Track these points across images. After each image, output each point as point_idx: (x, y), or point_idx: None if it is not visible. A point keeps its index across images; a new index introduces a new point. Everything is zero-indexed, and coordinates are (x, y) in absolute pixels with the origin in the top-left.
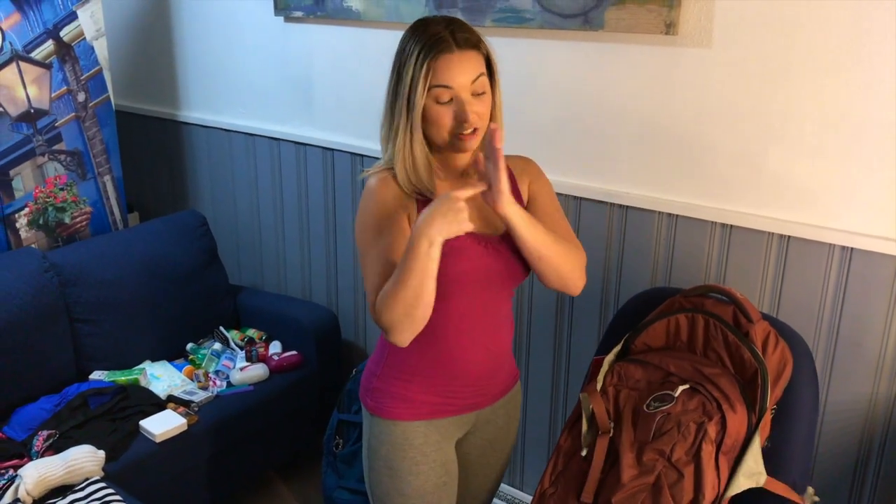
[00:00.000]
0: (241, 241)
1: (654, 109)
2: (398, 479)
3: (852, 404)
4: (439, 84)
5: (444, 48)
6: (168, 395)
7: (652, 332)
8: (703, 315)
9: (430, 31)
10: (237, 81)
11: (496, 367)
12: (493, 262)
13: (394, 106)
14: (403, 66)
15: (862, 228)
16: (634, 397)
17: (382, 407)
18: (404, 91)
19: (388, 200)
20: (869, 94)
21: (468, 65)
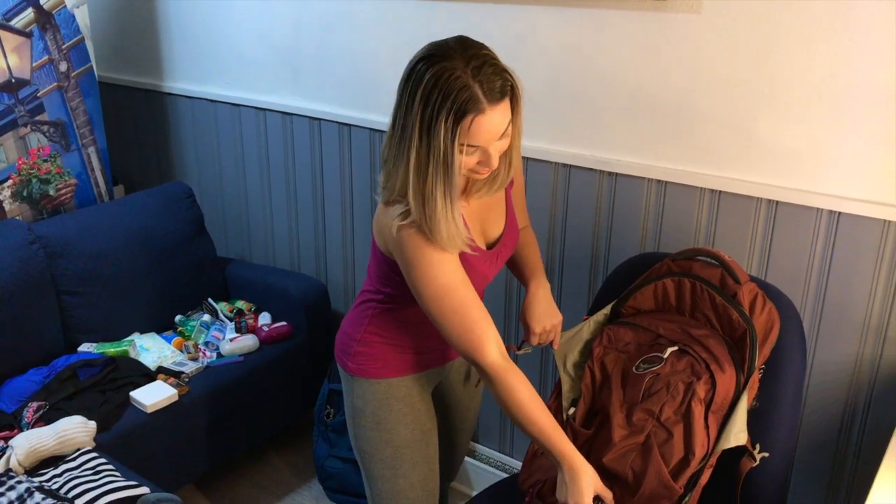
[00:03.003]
0: (228, 213)
1: (644, 76)
2: (386, 432)
3: (838, 365)
4: (470, 145)
5: (476, 108)
6: (158, 367)
7: (640, 296)
8: (689, 278)
9: (455, 83)
10: (222, 51)
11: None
12: (497, 269)
13: (425, 164)
14: (432, 126)
15: (849, 192)
16: (623, 360)
17: (366, 368)
18: (437, 155)
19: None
20: (857, 60)
21: (498, 120)
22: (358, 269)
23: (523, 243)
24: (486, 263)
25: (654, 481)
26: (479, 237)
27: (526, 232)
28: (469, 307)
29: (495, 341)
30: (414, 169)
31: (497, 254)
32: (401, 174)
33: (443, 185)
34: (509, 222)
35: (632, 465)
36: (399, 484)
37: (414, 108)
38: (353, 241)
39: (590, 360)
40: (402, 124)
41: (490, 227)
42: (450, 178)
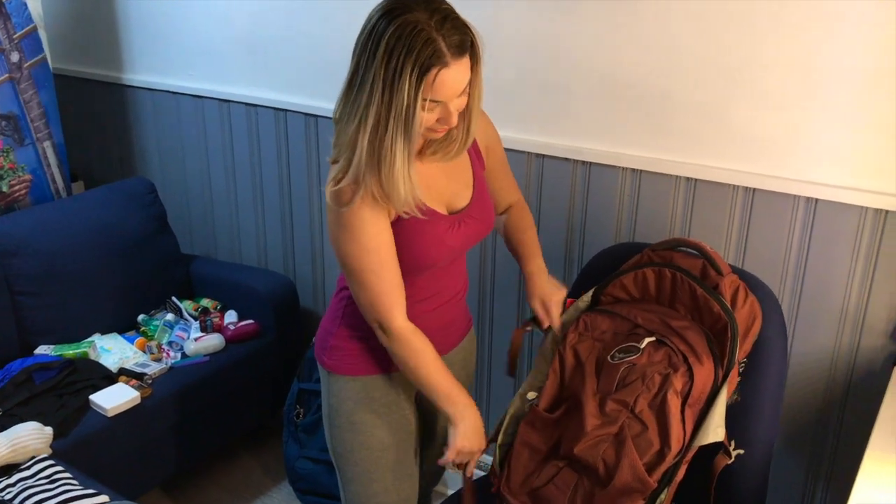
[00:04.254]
0: (193, 209)
1: (616, 62)
2: (362, 434)
3: (816, 355)
4: (434, 100)
5: (440, 61)
6: (119, 369)
7: (619, 284)
8: (670, 268)
9: (419, 36)
10: (183, 41)
11: (452, 318)
12: (461, 238)
13: (385, 120)
14: (395, 80)
15: (826, 179)
16: (598, 348)
17: (341, 364)
18: (399, 110)
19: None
20: (832, 43)
21: (461, 75)
22: (327, 264)
23: (516, 225)
24: (445, 228)
25: (627, 474)
26: (437, 201)
27: (520, 211)
28: (387, 270)
29: (402, 309)
30: (372, 126)
31: (459, 220)
32: (352, 131)
33: (402, 142)
34: (477, 193)
35: (603, 456)
36: (373, 488)
37: (375, 63)
38: (321, 236)
39: (562, 345)
40: (361, 80)
41: (454, 196)
42: (409, 135)
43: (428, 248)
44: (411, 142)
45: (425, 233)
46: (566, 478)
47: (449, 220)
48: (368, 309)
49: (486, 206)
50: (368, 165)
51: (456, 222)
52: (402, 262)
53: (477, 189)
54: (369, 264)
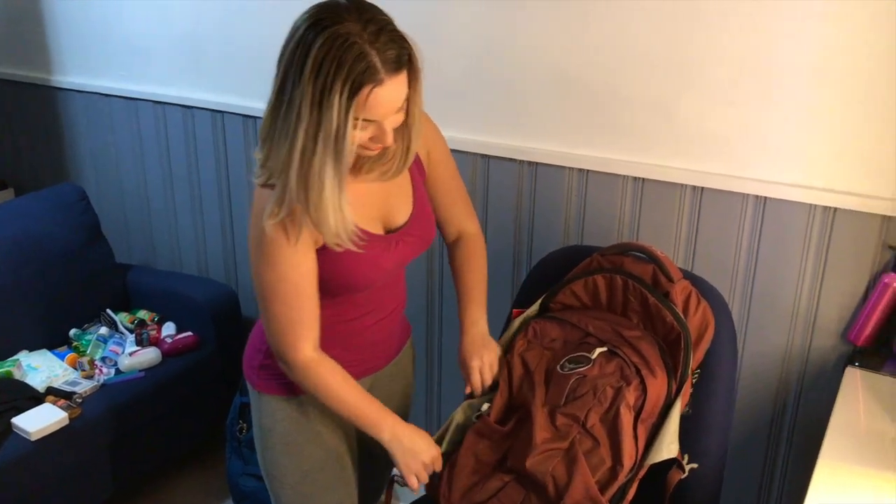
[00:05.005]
0: (130, 216)
1: (563, 59)
2: (297, 455)
3: (768, 357)
4: (366, 119)
5: (373, 78)
6: (47, 388)
7: (569, 292)
8: (621, 275)
9: (350, 50)
10: (115, 40)
11: (389, 333)
12: (398, 258)
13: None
14: (324, 99)
15: (775, 176)
16: (548, 357)
17: (273, 384)
18: (329, 131)
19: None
20: (781, 39)
21: (398, 92)
22: None
23: (463, 264)
24: (381, 250)
25: (579, 492)
26: (372, 221)
27: (471, 246)
28: (302, 302)
29: (312, 341)
30: (301, 148)
31: (396, 240)
32: (283, 154)
33: (332, 167)
34: (418, 208)
35: (553, 473)
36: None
37: (303, 79)
38: None
39: (510, 354)
40: (290, 98)
41: (392, 213)
42: (340, 158)
43: (361, 272)
44: (342, 166)
45: (359, 258)
46: (512, 494)
47: (385, 241)
48: (273, 337)
49: (426, 221)
50: (297, 190)
51: (393, 242)
52: (334, 286)
53: (417, 203)
54: (283, 295)
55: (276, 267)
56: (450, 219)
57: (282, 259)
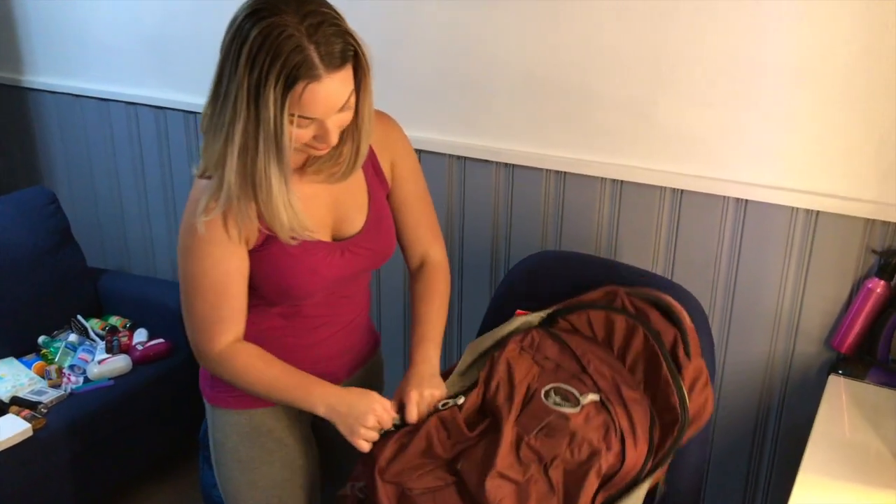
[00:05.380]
0: (104, 220)
1: (540, 59)
2: (250, 472)
3: (751, 364)
4: (303, 116)
5: (310, 74)
6: (12, 398)
7: (585, 318)
8: (644, 329)
9: (286, 42)
10: (85, 41)
11: (350, 345)
12: (343, 268)
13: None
14: (259, 93)
15: (756, 179)
16: (535, 373)
17: (225, 396)
18: (266, 129)
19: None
20: (759, 37)
21: (338, 90)
22: None
23: (423, 293)
24: (322, 256)
25: None
26: (319, 227)
27: (433, 275)
28: (223, 300)
29: (233, 337)
30: (241, 145)
31: (342, 249)
32: (219, 149)
33: (276, 165)
34: (373, 219)
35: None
36: None
37: (238, 73)
38: None
39: (500, 351)
40: (226, 90)
41: (341, 221)
42: (281, 156)
43: (299, 279)
44: (284, 163)
45: (296, 263)
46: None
47: (328, 247)
48: (190, 331)
49: (382, 233)
50: (242, 189)
51: (338, 251)
52: (271, 292)
53: (372, 214)
54: (204, 290)
55: (199, 261)
56: (413, 242)
57: (206, 254)
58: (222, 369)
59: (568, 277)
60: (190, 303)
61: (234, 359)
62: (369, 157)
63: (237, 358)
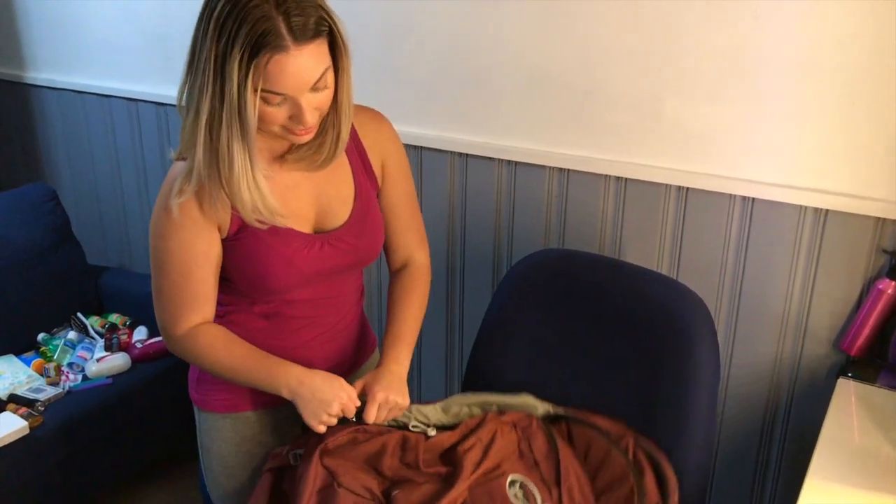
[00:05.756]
0: (105, 217)
1: (542, 55)
2: (235, 479)
3: (757, 366)
4: (270, 91)
5: (276, 44)
6: (9, 395)
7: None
8: (634, 483)
9: (252, 12)
10: (87, 36)
11: (337, 348)
12: (321, 262)
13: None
14: (225, 63)
15: (763, 176)
16: (512, 457)
17: (209, 399)
18: (231, 100)
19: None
20: (767, 34)
21: (308, 64)
22: None
23: (401, 294)
24: (298, 247)
25: None
26: (298, 218)
27: (414, 277)
28: (189, 282)
29: (200, 319)
30: (207, 118)
31: (322, 242)
32: (189, 125)
33: (239, 141)
34: (357, 213)
35: None
36: None
37: (207, 41)
38: None
39: (496, 415)
40: (196, 62)
41: (324, 213)
42: (245, 130)
43: (272, 268)
44: (248, 138)
45: (271, 251)
46: None
47: (306, 238)
48: (157, 311)
49: (368, 229)
50: (210, 168)
51: (317, 243)
52: (244, 283)
53: (358, 208)
54: (170, 271)
55: (167, 241)
56: (399, 245)
57: (174, 234)
58: (185, 350)
59: (571, 276)
60: (157, 282)
61: (197, 339)
62: (359, 153)
63: (199, 339)
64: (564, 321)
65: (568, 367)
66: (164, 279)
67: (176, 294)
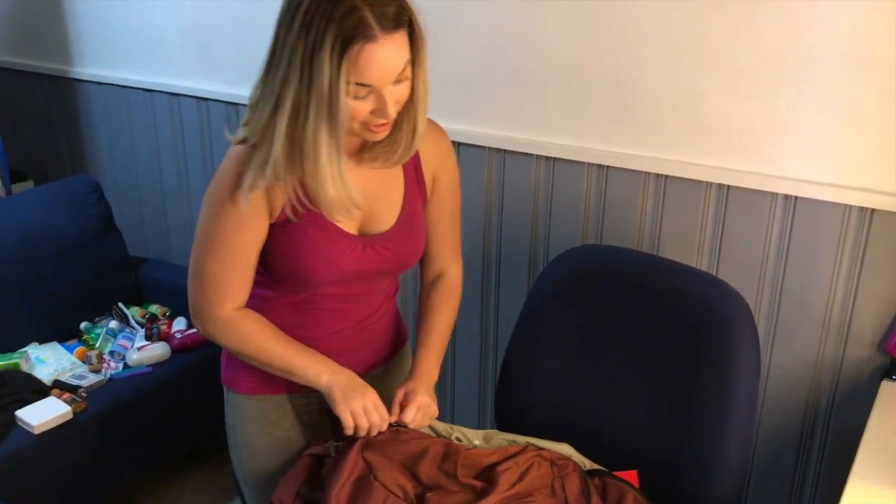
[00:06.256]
0: (146, 209)
1: (582, 51)
2: (258, 459)
3: (797, 367)
4: (359, 83)
5: (366, 36)
6: (54, 381)
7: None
8: None
9: (341, 4)
10: (131, 32)
11: (364, 341)
12: (361, 264)
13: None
14: (314, 57)
15: (806, 175)
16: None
17: (237, 380)
18: (320, 94)
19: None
20: (813, 29)
21: (395, 55)
22: None
23: (434, 306)
24: (342, 247)
25: None
26: (350, 220)
27: (447, 291)
28: (235, 266)
29: (238, 303)
30: (291, 111)
31: (364, 244)
32: (267, 115)
33: (326, 133)
34: (404, 221)
35: None
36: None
37: (292, 36)
38: None
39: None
40: (279, 59)
41: (371, 217)
42: (335, 123)
43: (312, 264)
44: (338, 132)
45: (314, 246)
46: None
47: (350, 239)
48: (196, 292)
49: (411, 238)
50: (288, 160)
51: (359, 245)
52: (283, 271)
53: (403, 218)
54: (218, 251)
55: (222, 220)
56: (436, 257)
57: (231, 215)
58: (227, 334)
59: (609, 272)
60: (201, 262)
61: (241, 324)
62: (414, 162)
63: (243, 323)
64: (602, 317)
65: (606, 363)
66: (209, 258)
67: (220, 276)
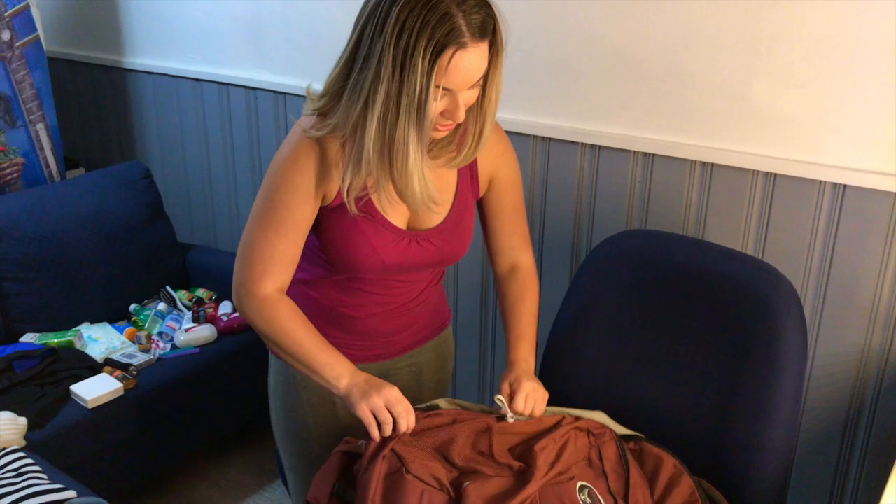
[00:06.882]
0: (193, 196)
1: (627, 37)
2: (295, 422)
3: (843, 356)
4: (445, 87)
5: (457, 41)
6: (105, 359)
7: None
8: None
9: (435, 10)
10: (182, 23)
11: (402, 324)
12: (406, 257)
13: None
14: (407, 59)
15: (855, 163)
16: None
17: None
18: (412, 95)
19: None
20: (862, 15)
21: (477, 62)
22: None
23: (517, 296)
24: (389, 240)
25: None
26: (397, 212)
27: (525, 281)
28: (284, 243)
29: (279, 284)
30: (381, 111)
31: (410, 239)
32: (357, 112)
33: (416, 133)
34: (452, 219)
35: None
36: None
37: (384, 38)
38: None
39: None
40: (367, 55)
41: (423, 213)
42: (422, 125)
43: (357, 252)
44: (424, 132)
45: (361, 235)
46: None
47: (397, 233)
48: (242, 264)
49: (458, 235)
50: (378, 155)
51: (405, 239)
52: (330, 252)
53: (454, 213)
54: (268, 225)
55: (272, 195)
56: (506, 249)
57: (281, 191)
58: (260, 313)
59: (654, 256)
60: (250, 237)
61: (275, 307)
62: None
63: (278, 307)
64: (648, 300)
65: (650, 347)
66: (258, 231)
67: (264, 250)
